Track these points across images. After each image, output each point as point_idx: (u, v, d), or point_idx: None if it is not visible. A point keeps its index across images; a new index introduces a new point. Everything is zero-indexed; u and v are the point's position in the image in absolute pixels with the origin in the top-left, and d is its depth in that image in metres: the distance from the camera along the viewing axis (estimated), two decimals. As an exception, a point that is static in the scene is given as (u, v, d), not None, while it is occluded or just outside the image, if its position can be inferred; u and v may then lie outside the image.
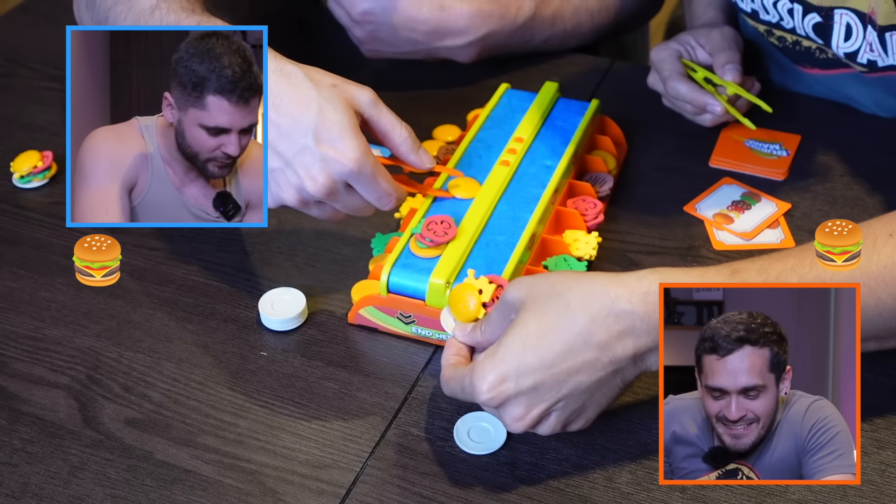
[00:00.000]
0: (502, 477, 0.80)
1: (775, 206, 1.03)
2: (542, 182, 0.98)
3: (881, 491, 0.79)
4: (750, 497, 0.78)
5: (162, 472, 0.82)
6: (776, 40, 1.11)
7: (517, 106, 1.07)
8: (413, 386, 0.88)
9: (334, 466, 0.82)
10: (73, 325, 0.94)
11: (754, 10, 1.09)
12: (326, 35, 1.31)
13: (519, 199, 0.96)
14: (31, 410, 0.87)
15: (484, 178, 0.97)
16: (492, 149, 1.02)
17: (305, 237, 1.02)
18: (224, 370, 0.89)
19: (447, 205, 0.95)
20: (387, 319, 0.91)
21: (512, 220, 0.94)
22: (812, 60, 1.11)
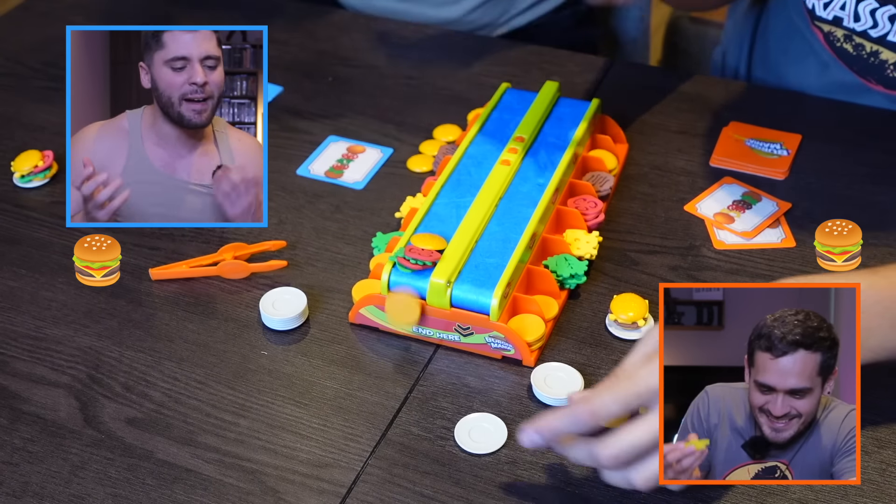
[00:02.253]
0: (503, 476, 0.80)
1: (776, 205, 1.03)
2: (542, 181, 0.98)
3: (882, 490, 0.79)
4: (750, 497, 0.78)
5: (163, 471, 0.82)
6: (852, 48, 1.10)
7: (517, 106, 1.07)
8: (414, 385, 0.88)
9: (335, 466, 0.82)
10: (73, 325, 0.94)
11: (837, 18, 1.08)
12: (330, 35, 1.31)
13: (516, 203, 0.96)
14: (32, 410, 0.87)
15: (482, 181, 0.97)
16: (490, 150, 1.02)
17: (305, 237, 1.02)
18: (225, 369, 0.89)
19: (447, 205, 0.95)
20: (387, 319, 0.91)
21: (511, 222, 0.94)
22: (880, 76, 1.10)
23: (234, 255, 0.98)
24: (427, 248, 0.88)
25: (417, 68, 1.25)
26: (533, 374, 0.87)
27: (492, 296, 0.87)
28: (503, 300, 0.87)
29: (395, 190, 1.07)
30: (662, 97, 1.19)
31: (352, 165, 1.10)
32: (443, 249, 0.89)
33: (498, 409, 0.85)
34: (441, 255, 0.89)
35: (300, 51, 1.29)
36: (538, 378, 0.86)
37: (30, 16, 1.37)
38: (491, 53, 1.27)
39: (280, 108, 1.19)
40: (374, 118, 1.17)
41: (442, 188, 0.97)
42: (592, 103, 1.08)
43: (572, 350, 0.90)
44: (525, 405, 0.86)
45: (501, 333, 0.88)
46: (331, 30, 1.32)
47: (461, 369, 0.89)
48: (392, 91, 1.21)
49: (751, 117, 1.14)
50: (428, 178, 1.02)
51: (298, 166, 1.10)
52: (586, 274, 0.94)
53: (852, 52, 1.10)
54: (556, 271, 0.93)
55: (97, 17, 1.36)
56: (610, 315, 0.92)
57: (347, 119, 1.17)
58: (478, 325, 0.88)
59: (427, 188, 1.01)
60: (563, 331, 0.92)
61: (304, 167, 1.10)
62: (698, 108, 1.17)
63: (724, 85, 1.27)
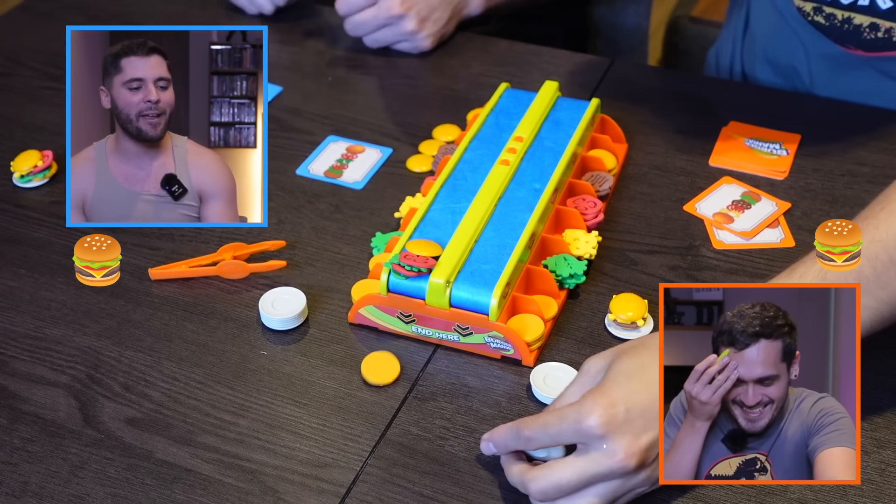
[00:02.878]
0: (503, 476, 0.80)
1: (775, 205, 1.03)
2: (542, 181, 0.98)
3: (881, 490, 0.79)
4: (750, 497, 0.78)
5: (162, 471, 0.82)
6: (823, 18, 1.10)
7: (517, 106, 1.07)
8: (413, 385, 0.88)
9: (334, 465, 0.82)
10: (73, 325, 0.94)
11: None
12: (330, 35, 1.31)
13: (515, 205, 0.96)
14: (32, 409, 0.87)
15: (481, 181, 0.97)
16: (490, 150, 1.02)
17: (305, 237, 1.02)
18: (224, 369, 0.89)
19: (451, 195, 0.95)
20: (387, 319, 0.91)
21: (510, 224, 0.94)
22: (858, 41, 1.10)
23: (234, 255, 0.98)
24: (422, 255, 0.88)
25: (417, 68, 1.25)
26: (532, 374, 0.87)
27: (491, 296, 0.87)
28: (502, 300, 0.87)
29: (395, 190, 1.07)
30: (662, 97, 1.19)
31: (351, 165, 1.10)
32: (438, 256, 0.89)
33: (497, 409, 0.85)
34: (436, 261, 0.88)
35: (300, 51, 1.29)
36: (537, 378, 0.86)
37: (30, 16, 1.37)
38: (491, 53, 1.27)
39: (280, 107, 1.19)
40: (374, 118, 1.17)
41: (441, 189, 0.97)
42: (592, 103, 1.08)
43: (571, 350, 0.90)
44: (524, 405, 0.86)
45: (501, 333, 0.87)
46: (331, 30, 1.32)
47: (460, 369, 0.89)
48: (391, 91, 1.21)
49: (750, 117, 1.14)
50: (427, 178, 1.02)
51: (298, 166, 1.10)
52: (585, 274, 0.94)
53: (825, 23, 1.11)
54: (556, 271, 0.93)
55: (97, 17, 1.36)
56: (609, 315, 0.92)
57: (347, 119, 1.17)
58: (477, 324, 0.88)
59: (426, 188, 1.01)
60: (562, 331, 0.92)
61: (303, 167, 1.10)
62: (698, 108, 1.17)
63: (723, 85, 1.27)
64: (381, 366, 0.88)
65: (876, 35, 1.08)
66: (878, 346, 0.89)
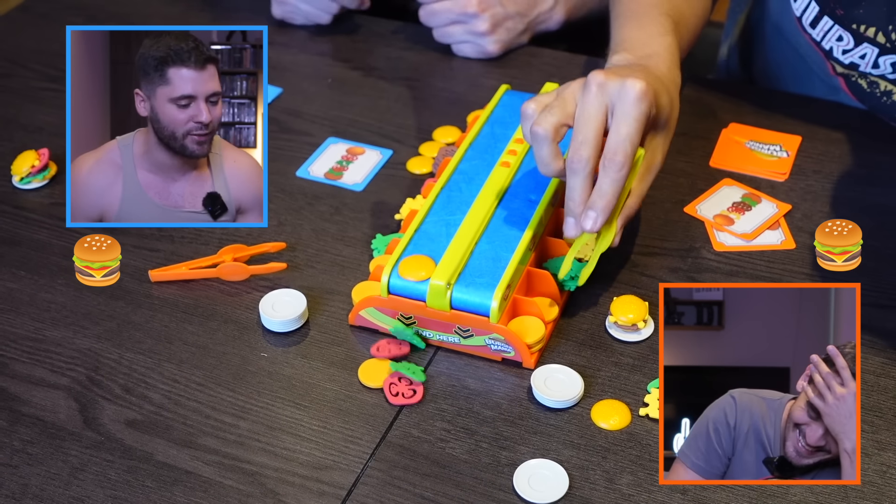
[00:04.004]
0: (503, 478, 0.80)
1: (776, 207, 1.03)
2: (542, 183, 0.97)
3: (882, 493, 0.79)
4: (750, 498, 0.78)
5: (162, 473, 0.82)
6: (866, 84, 1.10)
7: (517, 106, 1.07)
8: (413, 387, 0.88)
9: (335, 468, 0.82)
10: (73, 327, 0.94)
11: (853, 63, 1.08)
12: (330, 36, 1.31)
13: (517, 202, 0.96)
14: (32, 412, 0.86)
15: (482, 183, 0.97)
16: (490, 152, 1.02)
17: (305, 239, 1.02)
18: (225, 371, 0.89)
19: (446, 207, 0.95)
20: (387, 320, 0.91)
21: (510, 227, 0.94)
22: (891, 116, 1.10)
23: (234, 256, 0.97)
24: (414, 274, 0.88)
25: (417, 70, 1.25)
26: (533, 376, 0.87)
27: (492, 298, 0.87)
28: (503, 302, 0.87)
29: (395, 191, 1.07)
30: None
31: (351, 167, 1.10)
32: (428, 279, 0.88)
33: (498, 412, 0.85)
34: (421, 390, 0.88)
35: (300, 52, 1.29)
36: (538, 380, 0.86)
37: (29, 16, 1.37)
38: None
39: (280, 109, 1.19)
40: (374, 120, 1.17)
41: (442, 189, 0.97)
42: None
43: (572, 352, 0.90)
44: (525, 407, 0.86)
45: (501, 335, 0.87)
46: (331, 31, 1.32)
47: (461, 371, 0.89)
48: (391, 93, 1.21)
49: (750, 119, 1.14)
50: (428, 180, 1.02)
51: (298, 168, 1.10)
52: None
53: (866, 89, 1.11)
54: (556, 273, 0.93)
55: (97, 18, 1.36)
56: (610, 317, 0.91)
57: (347, 121, 1.17)
58: (478, 327, 0.88)
59: (427, 190, 1.01)
60: (562, 333, 0.92)
61: (303, 169, 1.10)
62: (698, 109, 1.17)
63: (723, 86, 1.27)
64: (378, 369, 0.88)
65: None
66: (879, 347, 0.89)
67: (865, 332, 0.90)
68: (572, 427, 0.84)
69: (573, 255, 0.89)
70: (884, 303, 0.93)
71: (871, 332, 0.90)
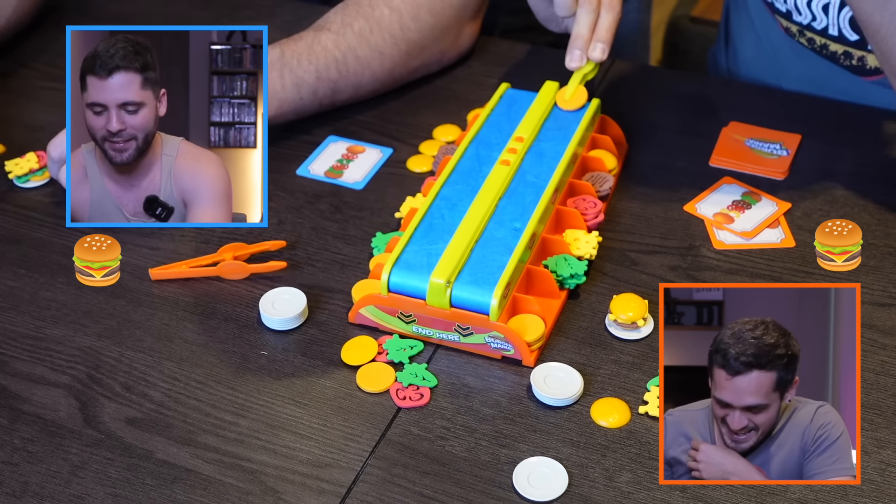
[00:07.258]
0: (503, 476, 0.80)
1: (775, 205, 1.03)
2: (542, 181, 0.98)
3: (881, 490, 0.79)
4: (750, 497, 0.78)
5: (162, 471, 0.82)
6: (806, 41, 1.11)
7: (517, 106, 1.07)
8: (413, 385, 0.88)
9: (335, 466, 0.82)
10: (73, 325, 0.94)
11: (788, 10, 1.09)
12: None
13: (518, 201, 0.96)
14: (32, 410, 0.87)
15: (482, 181, 0.97)
16: (490, 150, 1.02)
17: (305, 237, 1.02)
18: (225, 369, 0.89)
19: (446, 207, 0.95)
20: (387, 319, 0.91)
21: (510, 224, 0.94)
22: (839, 65, 1.11)
23: (234, 255, 0.98)
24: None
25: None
26: (533, 375, 0.87)
27: (491, 296, 0.87)
28: (503, 300, 0.87)
29: (395, 190, 1.07)
30: (662, 97, 1.19)
31: (351, 165, 1.10)
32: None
33: (498, 410, 0.85)
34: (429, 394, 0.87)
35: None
36: (538, 378, 0.87)
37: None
38: (491, 53, 1.27)
39: (280, 108, 1.18)
40: (374, 118, 1.17)
41: (440, 190, 0.97)
42: (592, 104, 1.07)
43: (572, 350, 0.90)
44: (525, 405, 0.86)
45: (501, 333, 0.88)
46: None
47: (461, 369, 0.89)
48: (391, 91, 1.21)
49: (750, 117, 1.14)
50: (428, 179, 1.02)
51: (298, 166, 1.10)
52: (586, 274, 0.94)
53: (807, 46, 1.12)
54: (556, 271, 0.93)
55: (97, 18, 1.36)
56: (609, 315, 0.92)
57: (347, 119, 1.17)
58: (477, 325, 0.88)
59: (427, 188, 1.01)
60: (562, 331, 0.92)
61: (303, 167, 1.10)
62: (698, 108, 1.17)
63: (723, 85, 1.27)
64: (376, 373, 0.88)
65: (851, 63, 1.09)
66: (879, 346, 0.89)
67: (865, 331, 0.90)
68: (572, 425, 0.84)
69: (578, 81, 1.06)
70: (884, 301, 0.93)
71: (871, 330, 0.90)
